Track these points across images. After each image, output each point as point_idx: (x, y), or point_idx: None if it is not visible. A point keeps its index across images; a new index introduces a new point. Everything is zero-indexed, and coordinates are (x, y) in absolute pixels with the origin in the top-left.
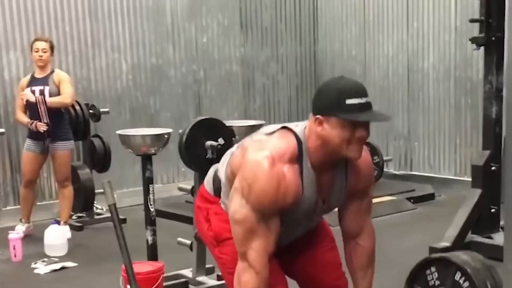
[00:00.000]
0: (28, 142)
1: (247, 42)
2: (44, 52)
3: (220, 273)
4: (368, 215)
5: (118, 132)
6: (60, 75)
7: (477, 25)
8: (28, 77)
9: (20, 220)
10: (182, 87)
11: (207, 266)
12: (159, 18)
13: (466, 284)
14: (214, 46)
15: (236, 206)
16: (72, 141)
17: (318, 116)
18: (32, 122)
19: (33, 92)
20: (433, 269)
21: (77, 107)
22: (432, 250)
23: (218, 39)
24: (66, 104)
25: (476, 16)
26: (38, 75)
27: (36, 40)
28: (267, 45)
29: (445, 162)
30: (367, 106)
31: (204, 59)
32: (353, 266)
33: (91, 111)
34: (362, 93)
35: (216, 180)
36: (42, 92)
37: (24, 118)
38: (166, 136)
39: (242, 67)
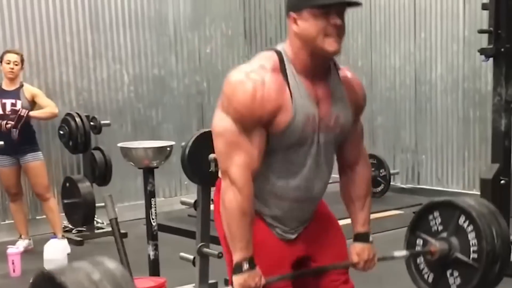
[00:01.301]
0: None
1: (251, 52)
2: (16, 64)
3: None
4: (362, 143)
5: (120, 144)
6: (32, 90)
7: (485, 35)
8: None
9: (20, 236)
10: (184, 99)
11: (210, 281)
12: (161, 28)
13: (470, 228)
14: (217, 57)
15: (217, 119)
16: (40, 152)
17: (290, 15)
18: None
19: (3, 104)
20: (436, 213)
21: (78, 119)
22: None
23: (221, 50)
24: (56, 114)
25: (485, 26)
26: (7, 87)
27: (7, 52)
28: None
29: (453, 176)
30: None
31: (207, 70)
32: (351, 197)
33: (91, 123)
34: None
35: None
36: (14, 106)
37: None
38: (168, 148)
39: None
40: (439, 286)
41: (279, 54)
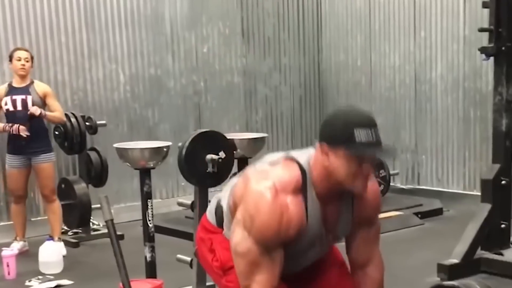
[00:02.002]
0: (10, 158)
1: (249, 52)
2: (26, 61)
3: None
4: (375, 245)
5: (116, 145)
6: (43, 87)
7: (486, 34)
8: (5, 86)
9: (15, 238)
10: (181, 99)
11: (207, 284)
12: (158, 27)
13: None
14: (215, 56)
15: (238, 238)
16: (53, 152)
17: (324, 145)
18: (12, 125)
19: (14, 101)
20: None
21: (73, 119)
22: (441, 267)
23: (219, 49)
24: (64, 121)
25: (486, 25)
26: (17, 84)
27: (17, 49)
28: (270, 55)
29: (453, 176)
30: (375, 141)
31: (204, 69)
32: None
33: (87, 123)
34: (371, 125)
35: (219, 209)
36: (24, 102)
37: None
38: (165, 149)
39: (243, 78)
40: None
41: (303, 172)
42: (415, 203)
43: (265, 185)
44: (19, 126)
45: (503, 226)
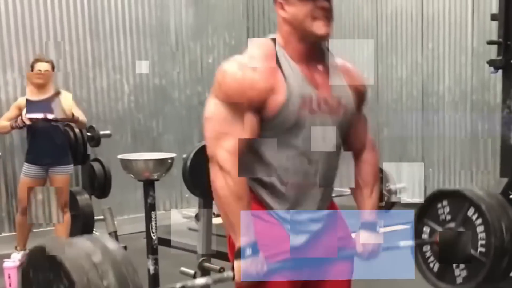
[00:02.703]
0: (28, 167)
1: None
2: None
3: None
4: (367, 129)
5: (119, 156)
6: (69, 103)
7: (495, 47)
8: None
9: (16, 247)
10: (186, 109)
11: None
12: (163, 37)
13: (479, 221)
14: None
15: (207, 105)
16: (71, 165)
17: (277, 2)
18: (16, 120)
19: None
20: (444, 202)
21: (76, 130)
22: None
23: (224, 60)
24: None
25: (494, 37)
26: (35, 96)
27: (38, 60)
28: None
29: None
30: None
31: (209, 80)
32: (359, 184)
33: (89, 133)
34: None
35: None
36: (45, 119)
37: (4, 122)
38: (169, 160)
39: None
40: (445, 277)
41: (273, 40)
42: None
43: (236, 60)
44: (22, 118)
45: None
